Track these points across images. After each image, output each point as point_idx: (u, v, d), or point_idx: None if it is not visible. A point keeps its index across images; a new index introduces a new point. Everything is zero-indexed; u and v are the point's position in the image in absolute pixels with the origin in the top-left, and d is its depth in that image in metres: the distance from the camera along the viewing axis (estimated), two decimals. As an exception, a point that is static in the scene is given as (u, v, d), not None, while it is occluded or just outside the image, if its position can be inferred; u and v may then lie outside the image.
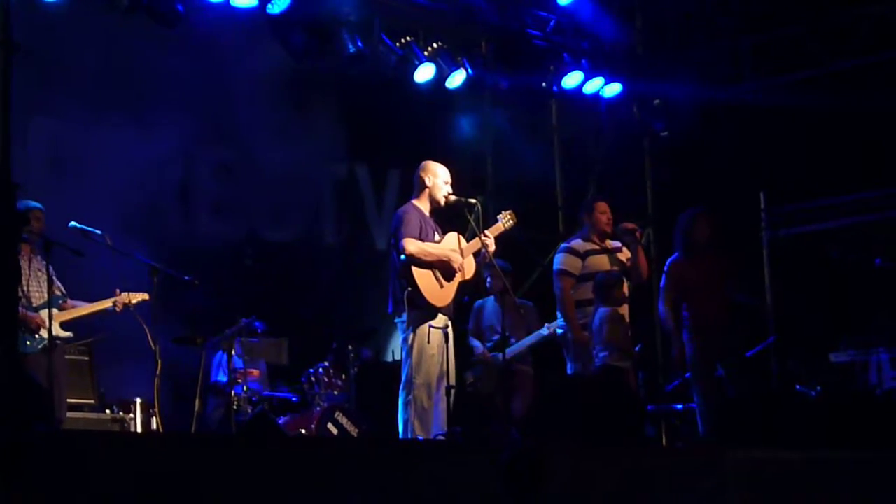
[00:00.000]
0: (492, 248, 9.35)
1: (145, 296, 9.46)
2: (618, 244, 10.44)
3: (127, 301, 9.45)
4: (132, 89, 11.49)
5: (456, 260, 9.15)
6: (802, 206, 13.63)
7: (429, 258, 9.07)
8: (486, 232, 9.36)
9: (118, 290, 9.50)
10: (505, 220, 9.55)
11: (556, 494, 6.29)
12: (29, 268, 9.11)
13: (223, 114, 11.87)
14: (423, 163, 9.41)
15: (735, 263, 10.52)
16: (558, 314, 10.41)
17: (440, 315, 9.10)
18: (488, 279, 10.91)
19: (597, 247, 10.34)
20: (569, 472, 6.88)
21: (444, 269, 9.15)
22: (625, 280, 10.17)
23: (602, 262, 10.27)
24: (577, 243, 10.40)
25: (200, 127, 11.96)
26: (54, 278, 9.07)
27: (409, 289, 9.00)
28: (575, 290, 10.24)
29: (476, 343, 11.24)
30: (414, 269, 9.01)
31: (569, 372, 10.28)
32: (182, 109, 11.59)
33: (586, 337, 10.03)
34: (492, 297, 11.23)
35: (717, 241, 10.42)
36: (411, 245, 9.02)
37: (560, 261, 10.37)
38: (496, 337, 10.67)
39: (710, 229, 10.40)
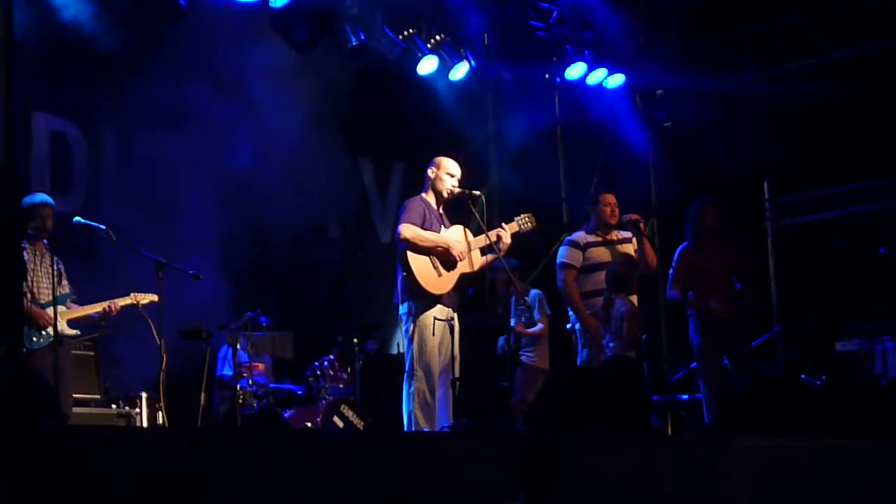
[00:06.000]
0: (507, 241, 9.34)
1: (154, 297, 9.36)
2: (628, 234, 10.43)
3: (135, 301, 9.38)
4: (137, 85, 11.46)
5: (455, 248, 9.14)
6: (806, 196, 13.63)
7: (425, 243, 9.06)
8: (504, 226, 9.37)
9: (133, 294, 9.43)
10: (522, 221, 9.52)
11: (563, 485, 6.30)
12: (39, 264, 9.08)
13: (224, 110, 11.82)
14: (435, 158, 9.43)
15: (741, 253, 10.50)
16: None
17: (443, 306, 9.09)
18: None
19: (599, 238, 10.36)
20: (576, 462, 6.88)
21: (443, 256, 9.13)
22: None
23: (602, 253, 10.29)
24: (580, 236, 10.44)
25: (203, 124, 11.93)
26: (63, 276, 9.08)
27: (405, 274, 9.01)
28: (578, 281, 10.27)
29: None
30: (410, 254, 9.02)
31: (580, 360, 10.27)
32: (183, 106, 11.56)
33: (594, 322, 10.01)
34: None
35: (725, 231, 10.42)
36: (407, 230, 9.03)
37: (562, 254, 10.43)
38: None
39: (718, 218, 10.39)
